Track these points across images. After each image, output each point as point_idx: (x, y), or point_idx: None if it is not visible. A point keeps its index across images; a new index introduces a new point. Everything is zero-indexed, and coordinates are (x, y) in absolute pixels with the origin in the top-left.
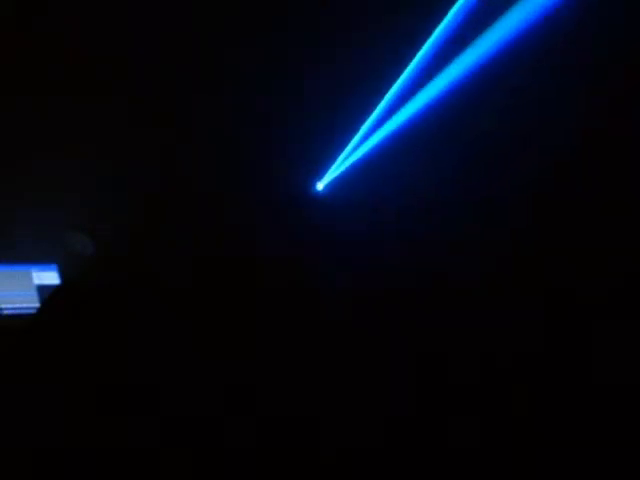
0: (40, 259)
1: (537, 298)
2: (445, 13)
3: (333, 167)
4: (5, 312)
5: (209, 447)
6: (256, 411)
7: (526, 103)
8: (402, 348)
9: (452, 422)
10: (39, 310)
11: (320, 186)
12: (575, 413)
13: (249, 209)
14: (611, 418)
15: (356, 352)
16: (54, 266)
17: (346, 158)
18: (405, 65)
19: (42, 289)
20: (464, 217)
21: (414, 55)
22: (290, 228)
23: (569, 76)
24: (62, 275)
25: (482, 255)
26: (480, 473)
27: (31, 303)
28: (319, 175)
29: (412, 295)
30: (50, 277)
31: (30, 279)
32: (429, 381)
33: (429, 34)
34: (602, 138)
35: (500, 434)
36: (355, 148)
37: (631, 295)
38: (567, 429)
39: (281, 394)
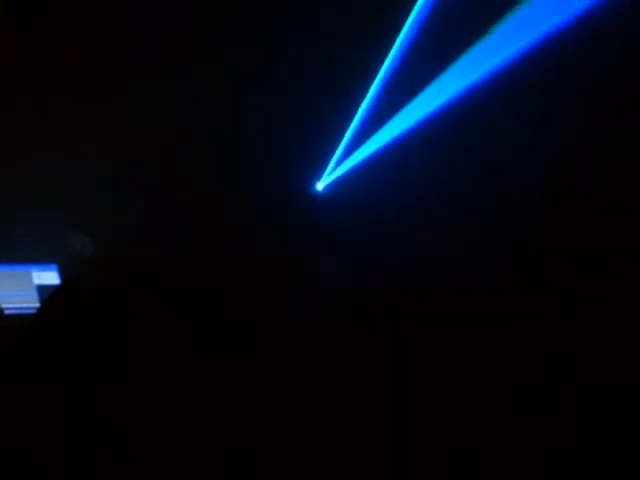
0: (40, 259)
1: (537, 298)
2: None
3: (333, 167)
4: (5, 312)
5: (209, 447)
6: (256, 411)
7: (526, 105)
8: (402, 348)
9: (452, 422)
10: (39, 310)
11: (320, 186)
12: (575, 413)
13: (249, 209)
14: (611, 418)
15: (356, 352)
16: (54, 266)
17: (346, 158)
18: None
19: (42, 289)
20: (464, 217)
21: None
22: (290, 228)
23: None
24: (62, 275)
25: (482, 255)
26: (480, 473)
27: (31, 303)
28: (319, 175)
29: (412, 295)
30: (50, 277)
31: (30, 279)
32: (429, 381)
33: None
34: (601, 142)
35: (500, 434)
36: (355, 148)
37: (631, 295)
38: (567, 429)
39: (281, 394)
